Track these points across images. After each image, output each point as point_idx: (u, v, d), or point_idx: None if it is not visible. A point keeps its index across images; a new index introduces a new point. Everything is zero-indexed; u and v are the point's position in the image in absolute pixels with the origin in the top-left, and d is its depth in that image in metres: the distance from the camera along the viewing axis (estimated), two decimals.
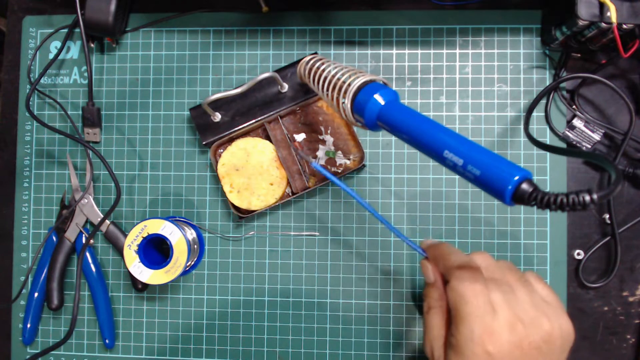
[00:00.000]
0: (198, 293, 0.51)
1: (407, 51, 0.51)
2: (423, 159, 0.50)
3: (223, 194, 0.50)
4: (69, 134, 0.48)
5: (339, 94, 0.38)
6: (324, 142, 0.49)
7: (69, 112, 0.52)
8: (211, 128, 0.49)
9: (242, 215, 0.49)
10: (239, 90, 0.45)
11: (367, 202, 0.49)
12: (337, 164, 0.49)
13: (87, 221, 0.52)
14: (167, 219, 0.46)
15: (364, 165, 0.49)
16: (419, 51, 0.50)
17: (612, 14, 0.40)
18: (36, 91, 0.53)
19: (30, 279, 0.52)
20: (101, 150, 0.52)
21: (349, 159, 0.49)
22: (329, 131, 0.49)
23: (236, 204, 0.48)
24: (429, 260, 0.37)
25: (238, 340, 0.50)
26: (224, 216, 0.51)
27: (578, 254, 0.48)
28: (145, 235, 0.45)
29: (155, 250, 0.50)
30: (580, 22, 0.42)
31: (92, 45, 0.52)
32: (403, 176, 0.50)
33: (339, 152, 0.49)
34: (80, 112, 0.52)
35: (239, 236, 0.51)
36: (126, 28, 0.52)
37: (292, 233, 0.51)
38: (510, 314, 0.32)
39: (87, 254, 0.51)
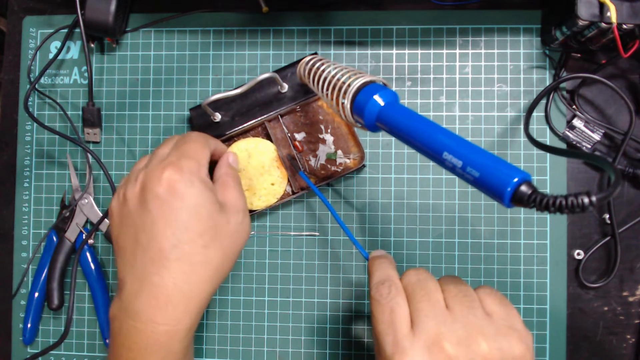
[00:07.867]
0: None
1: (407, 51, 0.51)
2: (423, 159, 0.50)
3: None
4: (68, 136, 0.48)
5: (338, 94, 0.38)
6: (324, 141, 0.49)
7: (69, 113, 0.52)
8: (211, 128, 0.49)
9: None
10: (239, 90, 0.45)
11: (337, 213, 0.50)
12: (337, 163, 0.49)
13: (87, 221, 0.52)
14: None
15: (364, 165, 0.49)
16: (419, 51, 0.50)
17: (612, 14, 0.40)
18: (36, 91, 0.53)
19: (30, 279, 0.52)
20: (101, 151, 0.52)
21: (349, 158, 0.49)
22: (329, 130, 0.49)
23: None
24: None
25: (238, 340, 0.51)
26: None
27: (578, 254, 0.48)
28: None
29: None
30: (580, 22, 0.42)
31: (92, 45, 0.52)
32: (403, 176, 0.50)
33: (339, 151, 0.49)
34: (80, 112, 0.52)
35: None
36: (126, 28, 0.52)
37: (292, 233, 0.51)
38: (432, 333, 0.30)
39: (87, 254, 0.51)
